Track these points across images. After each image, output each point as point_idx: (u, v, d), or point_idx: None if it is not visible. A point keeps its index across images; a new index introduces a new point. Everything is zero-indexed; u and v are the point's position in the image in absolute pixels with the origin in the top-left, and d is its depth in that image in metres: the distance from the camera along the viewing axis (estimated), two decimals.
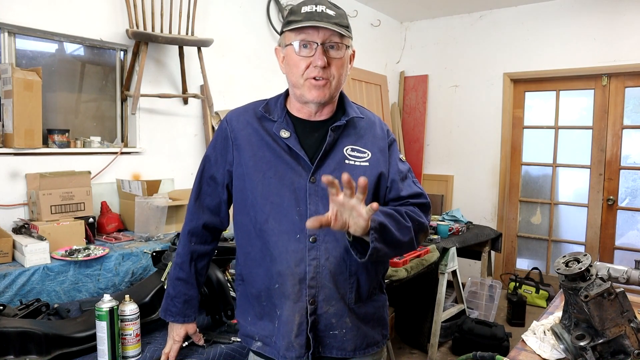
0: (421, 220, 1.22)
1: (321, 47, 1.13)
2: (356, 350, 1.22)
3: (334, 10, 1.16)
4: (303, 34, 1.14)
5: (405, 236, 1.15)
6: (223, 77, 3.26)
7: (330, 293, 1.17)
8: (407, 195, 1.26)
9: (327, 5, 1.15)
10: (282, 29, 1.19)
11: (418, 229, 1.20)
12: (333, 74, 1.17)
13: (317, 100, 1.18)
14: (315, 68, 1.14)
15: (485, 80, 4.62)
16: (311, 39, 1.13)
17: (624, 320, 1.14)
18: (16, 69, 2.19)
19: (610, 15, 3.95)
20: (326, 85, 1.17)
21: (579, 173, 4.33)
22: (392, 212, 1.16)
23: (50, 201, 2.16)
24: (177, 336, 1.40)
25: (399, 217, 1.16)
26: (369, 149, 1.24)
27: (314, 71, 1.15)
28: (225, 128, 1.28)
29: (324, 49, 1.14)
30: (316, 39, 1.13)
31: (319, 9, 1.13)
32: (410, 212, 1.21)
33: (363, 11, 4.48)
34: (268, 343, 1.22)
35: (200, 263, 1.37)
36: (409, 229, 1.17)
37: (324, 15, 1.13)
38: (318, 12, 1.13)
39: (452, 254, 3.23)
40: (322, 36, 1.13)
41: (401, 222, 1.15)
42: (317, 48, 1.13)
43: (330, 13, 1.14)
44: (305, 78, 1.16)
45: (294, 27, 1.13)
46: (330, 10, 1.15)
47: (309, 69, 1.15)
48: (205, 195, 1.32)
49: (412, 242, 1.19)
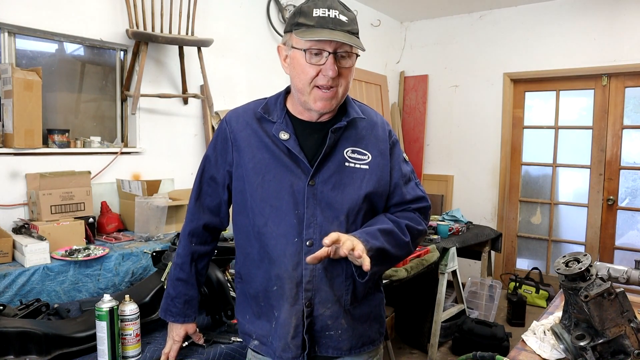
0: (419, 228, 1.25)
1: (332, 57, 1.10)
2: (352, 350, 1.23)
3: (346, 15, 1.12)
4: (314, 41, 1.09)
5: (402, 250, 1.21)
6: (223, 77, 3.26)
7: (326, 296, 1.17)
8: (411, 199, 1.28)
9: (339, 9, 1.11)
10: (291, 28, 1.13)
11: (416, 237, 1.25)
12: (341, 82, 1.15)
13: (322, 111, 1.17)
14: (324, 77, 1.11)
15: (485, 80, 4.62)
16: (322, 47, 1.09)
17: (624, 320, 1.14)
18: (16, 69, 2.19)
19: (610, 15, 3.95)
20: (334, 97, 1.15)
21: (579, 173, 4.33)
22: (392, 228, 1.18)
23: (50, 201, 2.16)
24: (177, 336, 1.40)
25: (398, 234, 1.19)
26: (370, 151, 1.23)
27: (323, 80, 1.12)
28: (225, 129, 1.27)
29: (335, 58, 1.11)
30: (328, 47, 1.09)
31: (332, 14, 1.09)
32: (410, 221, 1.24)
33: (363, 11, 4.48)
34: (265, 342, 1.23)
35: (201, 263, 1.37)
36: (407, 243, 1.21)
37: (337, 22, 1.09)
38: (331, 17, 1.08)
39: (452, 254, 3.23)
40: (334, 45, 1.10)
41: (399, 239, 1.19)
42: (328, 57, 1.10)
43: (343, 19, 1.10)
44: (313, 86, 1.13)
45: (307, 37, 1.07)
46: (343, 15, 1.10)
47: (318, 76, 1.12)
48: (206, 195, 1.32)
49: (410, 252, 1.25)
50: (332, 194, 1.16)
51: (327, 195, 1.16)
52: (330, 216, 1.16)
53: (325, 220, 1.16)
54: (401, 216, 1.25)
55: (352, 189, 1.18)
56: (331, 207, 1.16)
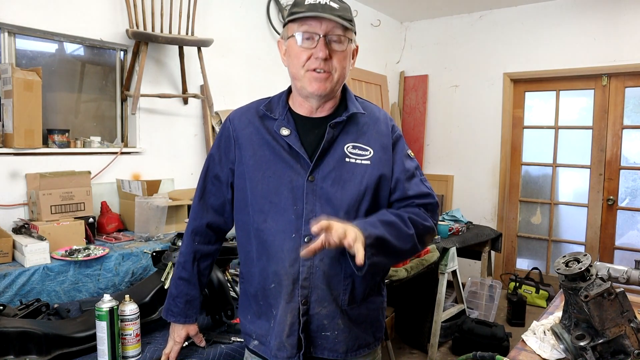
0: (426, 223, 1.20)
1: (323, 39, 1.13)
2: (348, 352, 1.21)
3: (338, 3, 1.15)
4: (305, 25, 1.13)
5: (406, 244, 1.15)
6: (223, 77, 3.26)
7: (323, 294, 1.16)
8: (414, 195, 1.23)
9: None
10: (285, 20, 1.18)
11: (422, 233, 1.19)
12: (335, 66, 1.15)
13: (317, 93, 1.17)
14: (316, 60, 1.13)
15: (485, 80, 4.62)
16: (313, 30, 1.13)
17: (624, 320, 1.14)
18: (16, 69, 2.19)
19: (610, 15, 3.95)
20: (328, 79, 1.16)
21: (579, 173, 4.33)
22: (394, 220, 1.15)
23: (50, 201, 2.16)
24: (178, 337, 1.39)
25: (400, 225, 1.14)
26: (372, 147, 1.22)
27: (314, 63, 1.14)
28: (228, 127, 1.28)
29: (326, 42, 1.13)
30: (318, 30, 1.12)
31: (323, 1, 1.13)
32: (415, 215, 1.19)
33: (363, 11, 4.48)
34: (263, 342, 1.23)
35: (203, 263, 1.36)
36: (411, 236, 1.16)
37: (327, 7, 1.12)
38: (322, 4, 1.12)
39: (452, 254, 3.23)
40: (324, 28, 1.12)
41: (402, 230, 1.14)
42: (319, 40, 1.13)
43: (334, 5, 1.13)
44: (306, 69, 1.15)
45: (296, 17, 1.12)
46: (334, 3, 1.14)
47: (310, 60, 1.14)
48: (210, 194, 1.32)
49: (415, 247, 1.19)
50: (331, 190, 1.16)
51: (326, 191, 1.16)
52: (329, 212, 1.15)
53: (325, 216, 1.15)
54: (404, 210, 1.21)
55: (353, 185, 1.17)
56: (331, 202, 1.16)
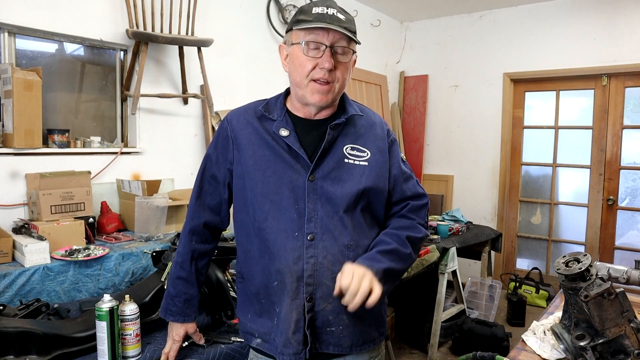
0: (419, 236, 1.28)
1: (329, 50, 1.15)
2: (353, 347, 1.23)
3: (344, 14, 1.18)
4: (312, 35, 1.15)
5: (407, 263, 1.25)
6: (223, 77, 3.26)
7: (328, 290, 1.17)
8: (411, 195, 1.32)
9: (337, 9, 1.18)
10: (291, 26, 1.20)
11: (418, 246, 1.29)
12: (338, 77, 1.18)
13: (318, 105, 1.20)
14: (321, 70, 1.16)
15: (485, 80, 4.62)
16: (320, 40, 1.15)
17: (624, 320, 1.14)
18: (16, 69, 2.19)
19: (610, 15, 3.95)
20: (330, 91, 1.19)
21: (579, 173, 4.33)
22: (394, 247, 1.21)
23: (50, 201, 2.16)
24: (177, 336, 1.40)
25: (400, 249, 1.21)
26: (369, 148, 1.26)
27: (319, 73, 1.16)
28: (226, 127, 1.29)
29: (331, 52, 1.15)
30: (325, 41, 1.15)
31: (330, 11, 1.15)
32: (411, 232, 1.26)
33: (363, 11, 4.48)
34: (267, 340, 1.23)
35: (201, 262, 1.37)
36: (410, 255, 1.24)
37: (335, 18, 1.15)
38: (329, 14, 1.15)
39: (452, 254, 3.23)
40: (331, 39, 1.15)
41: (402, 253, 1.22)
42: (325, 50, 1.15)
43: (341, 17, 1.16)
44: (310, 79, 1.17)
45: (304, 26, 1.14)
46: (341, 14, 1.17)
47: (314, 70, 1.16)
48: (206, 194, 1.33)
49: (413, 261, 1.29)
50: (331, 189, 1.19)
51: (327, 190, 1.19)
52: (330, 211, 1.18)
53: (326, 214, 1.18)
54: (400, 227, 1.27)
55: (351, 184, 1.20)
56: (331, 201, 1.19)
